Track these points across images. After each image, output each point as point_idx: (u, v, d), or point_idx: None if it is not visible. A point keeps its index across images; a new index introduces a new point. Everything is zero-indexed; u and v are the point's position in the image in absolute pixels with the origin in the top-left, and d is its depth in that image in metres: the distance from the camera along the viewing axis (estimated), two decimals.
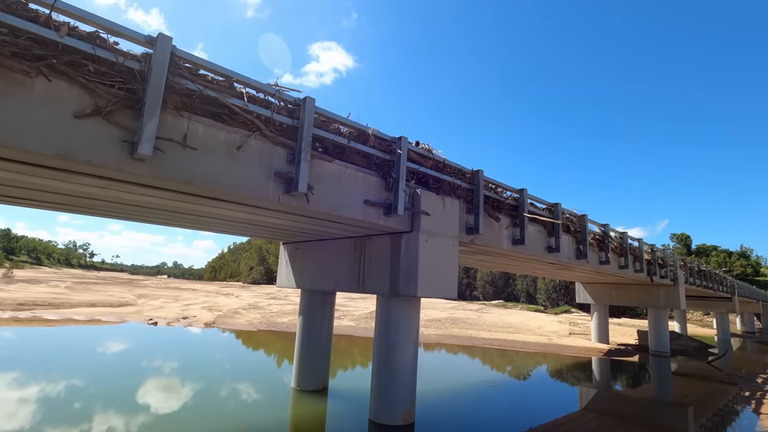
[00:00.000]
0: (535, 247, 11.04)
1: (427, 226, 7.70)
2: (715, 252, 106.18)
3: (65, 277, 61.82)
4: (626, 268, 15.55)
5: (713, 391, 14.03)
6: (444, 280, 7.89)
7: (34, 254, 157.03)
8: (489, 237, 9.52)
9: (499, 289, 75.94)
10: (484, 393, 11.87)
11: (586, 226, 12.92)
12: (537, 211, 11.08)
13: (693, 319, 70.46)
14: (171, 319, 22.49)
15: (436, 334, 22.50)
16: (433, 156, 8.15)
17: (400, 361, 7.79)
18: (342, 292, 10.24)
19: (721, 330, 34.54)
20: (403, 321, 7.90)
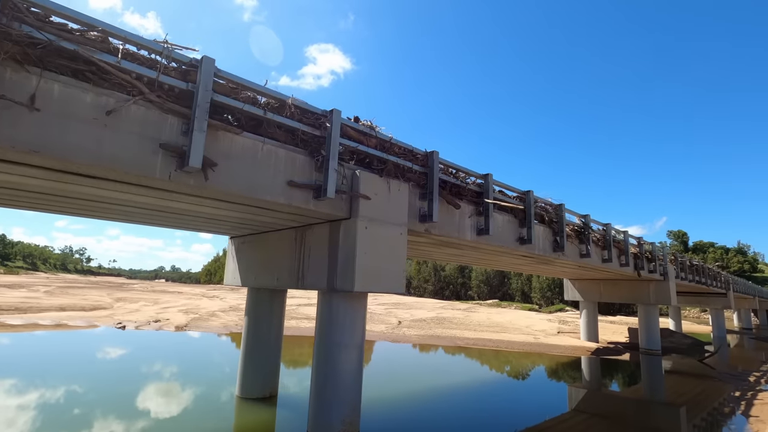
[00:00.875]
0: (504, 238, 10.15)
1: (367, 212, 6.81)
2: (712, 248, 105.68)
3: (54, 281, 60.70)
4: (610, 261, 14.68)
5: (704, 391, 13.16)
6: (389, 273, 6.99)
7: (29, 260, 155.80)
8: (448, 226, 8.64)
9: (494, 288, 75.04)
10: (457, 397, 10.98)
11: (563, 216, 12.04)
12: (506, 199, 10.20)
13: (690, 316, 69.73)
14: (142, 322, 21.53)
15: (417, 335, 21.60)
16: (376, 134, 7.26)
17: (342, 366, 6.88)
18: (292, 290, 9.23)
19: (717, 326, 33.70)
20: (345, 320, 6.99)
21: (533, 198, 10.89)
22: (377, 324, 24.64)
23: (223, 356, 15.36)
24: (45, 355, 13.61)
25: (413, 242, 9.77)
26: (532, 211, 10.68)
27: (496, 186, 10.36)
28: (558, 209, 12.12)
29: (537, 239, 11.25)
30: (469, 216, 9.21)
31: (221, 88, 5.45)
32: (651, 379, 15.32)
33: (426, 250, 11.41)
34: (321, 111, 6.46)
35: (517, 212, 10.69)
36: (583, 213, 13.94)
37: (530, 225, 10.61)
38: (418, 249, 11.10)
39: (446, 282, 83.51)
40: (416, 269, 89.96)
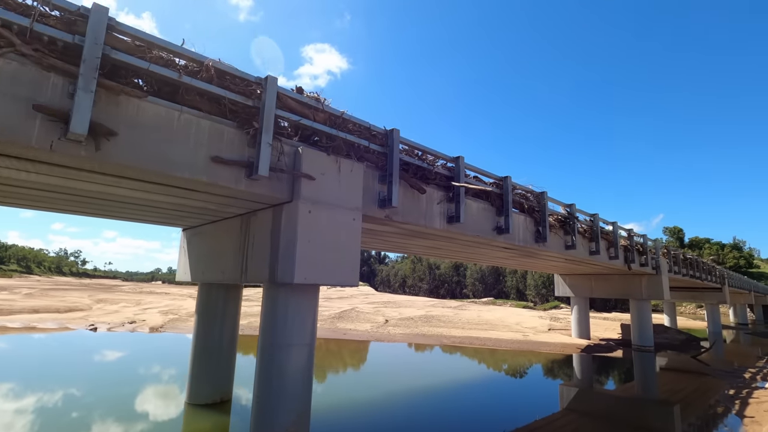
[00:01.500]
0: (478, 227, 9.39)
1: (311, 194, 6.02)
2: (708, 244, 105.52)
3: (43, 284, 59.59)
4: (597, 254, 13.94)
5: (697, 389, 12.45)
6: (339, 262, 6.21)
7: (24, 263, 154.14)
8: (413, 213, 7.87)
9: (489, 286, 74.36)
10: (437, 398, 10.22)
11: (545, 205, 11.29)
12: (480, 184, 9.43)
13: (686, 312, 69.31)
14: (116, 324, 20.69)
15: (403, 334, 20.84)
16: (324, 107, 6.47)
17: (288, 369, 6.10)
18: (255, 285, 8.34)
19: (712, 322, 33.12)
20: (292, 317, 6.21)
21: (511, 184, 10.13)
22: (363, 323, 23.87)
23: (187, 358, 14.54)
24: (7, 358, 12.77)
25: (377, 231, 9.00)
26: (509, 198, 9.92)
27: (471, 171, 9.61)
28: (540, 197, 11.37)
29: (516, 229, 10.50)
30: (438, 202, 8.44)
31: (124, 46, 4.66)
32: (642, 376, 14.61)
33: (395, 241, 10.64)
34: (254, 78, 5.67)
35: (494, 199, 9.93)
36: (579, 208, 13.23)
37: (508, 213, 9.85)
38: (385, 239, 10.33)
39: (441, 280, 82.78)
40: (411, 268, 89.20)
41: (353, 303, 34.89)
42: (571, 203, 12.75)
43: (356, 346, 17.84)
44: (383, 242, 10.97)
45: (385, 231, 8.99)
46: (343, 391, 10.86)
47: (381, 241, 10.59)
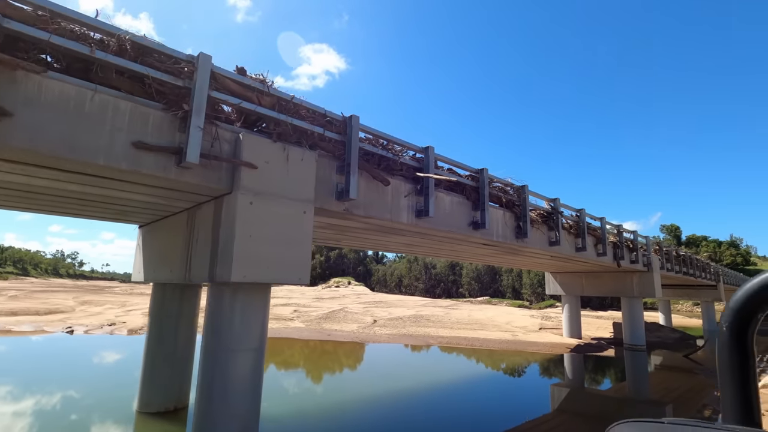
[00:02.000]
0: (452, 222, 8.88)
1: (253, 184, 5.50)
2: (705, 242, 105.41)
3: (33, 286, 58.87)
4: (584, 250, 13.44)
5: (687, 390, 11.98)
6: (286, 259, 5.69)
7: (20, 265, 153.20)
8: (376, 206, 7.35)
9: (485, 285, 73.91)
10: (418, 401, 9.71)
11: (526, 199, 10.79)
12: (452, 176, 8.92)
13: (683, 310, 69.13)
14: (94, 326, 20.12)
15: (389, 334, 20.33)
16: (271, 90, 5.95)
17: (232, 376, 5.58)
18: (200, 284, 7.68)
19: (707, 320, 32.74)
20: (238, 319, 5.69)
21: (488, 176, 9.63)
22: (350, 323, 23.36)
23: None
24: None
25: (343, 227, 8.49)
26: (486, 192, 9.41)
27: (444, 163, 9.12)
28: (520, 191, 10.87)
29: (494, 224, 10.00)
30: (405, 195, 7.93)
31: (21, 15, 4.13)
32: (631, 376, 14.14)
33: (368, 237, 10.12)
34: (185, 56, 5.15)
35: (470, 193, 9.42)
36: (578, 207, 12.79)
37: (484, 207, 9.34)
38: (355, 235, 9.81)
39: (437, 280, 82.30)
40: (407, 268, 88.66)
41: (344, 303, 34.37)
42: (555, 197, 12.26)
43: (337, 347, 17.33)
44: (355, 239, 10.46)
45: (352, 227, 8.48)
46: (309, 395, 10.35)
47: (352, 237, 10.08)
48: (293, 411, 8.67)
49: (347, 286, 69.28)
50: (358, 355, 16.22)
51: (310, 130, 6.30)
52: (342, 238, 10.50)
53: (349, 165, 6.64)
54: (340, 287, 68.96)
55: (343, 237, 10.16)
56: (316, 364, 14.41)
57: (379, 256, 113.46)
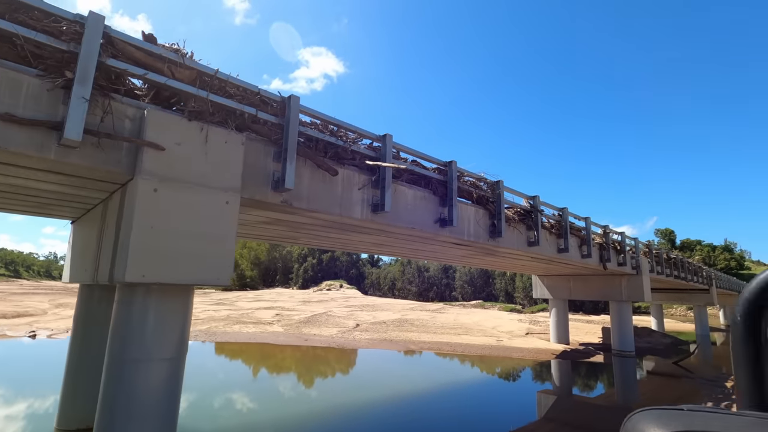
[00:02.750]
0: (415, 218, 8.12)
1: (159, 168, 4.72)
2: (699, 246, 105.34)
3: (22, 288, 57.56)
4: (566, 251, 12.71)
5: (674, 399, 11.23)
6: (202, 256, 4.90)
7: (12, 267, 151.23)
8: (322, 198, 6.59)
9: (478, 289, 73.18)
10: (385, 411, 8.91)
11: (500, 195, 10.05)
12: (415, 168, 8.17)
13: (677, 314, 68.61)
14: (61, 330, 19.28)
15: (369, 339, 19.51)
16: (187, 62, 5.17)
17: (137, 393, 4.79)
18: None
19: (700, 325, 32.04)
20: (151, 324, 4.91)
21: (457, 170, 8.88)
22: (330, 327, 22.52)
23: None
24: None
25: (289, 222, 7.70)
26: (454, 186, 8.66)
27: (409, 155, 8.38)
28: (494, 186, 10.13)
29: (464, 222, 9.25)
30: (359, 188, 7.16)
31: None
32: (617, 384, 13.38)
33: (322, 235, 9.32)
34: (71, 15, 4.38)
35: (437, 187, 8.67)
36: (545, 201, 12.04)
37: (452, 203, 8.59)
38: (308, 232, 9.01)
39: (430, 283, 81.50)
40: (400, 270, 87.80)
41: (330, 306, 33.53)
42: (535, 195, 11.53)
43: (310, 353, 16.50)
44: (313, 237, 9.67)
45: (304, 222, 7.70)
46: (266, 406, 9.53)
47: (308, 234, 9.29)
48: (230, 428, 7.85)
49: (338, 289, 68.42)
50: (330, 361, 15.40)
51: (239, 109, 5.53)
52: (298, 236, 9.71)
53: (286, 150, 5.87)
54: (331, 290, 68.12)
55: (298, 234, 9.38)
56: (279, 371, 13.58)
57: (374, 259, 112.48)
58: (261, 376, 12.84)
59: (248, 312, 28.73)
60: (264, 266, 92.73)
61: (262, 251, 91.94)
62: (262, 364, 14.59)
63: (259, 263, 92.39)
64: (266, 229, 8.81)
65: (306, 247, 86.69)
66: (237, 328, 21.52)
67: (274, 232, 9.28)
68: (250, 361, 15.02)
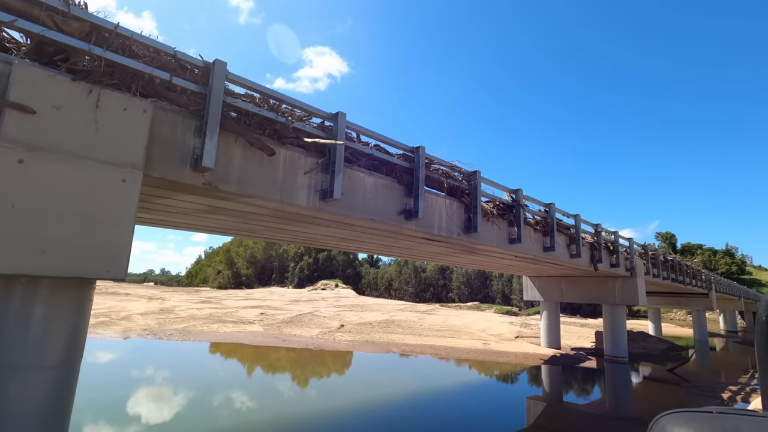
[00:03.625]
0: (374, 208, 7.28)
1: (28, 135, 3.89)
2: (700, 250, 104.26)
3: None
4: (552, 250, 11.85)
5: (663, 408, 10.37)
6: (85, 244, 4.08)
7: None
8: (258, 182, 5.75)
9: (475, 290, 72.28)
10: (337, 426, 8.09)
11: (477, 187, 9.19)
12: (374, 153, 7.32)
13: (676, 319, 67.64)
14: None
15: (349, 341, 18.68)
16: (73, 12, 4.35)
17: (13, 404, 3.97)
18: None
19: (698, 329, 31.12)
20: (34, 323, 4.09)
21: (425, 156, 8.04)
22: (313, 328, 21.70)
23: None
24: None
25: (227, 210, 6.85)
26: (421, 174, 7.82)
27: (370, 138, 7.55)
28: (470, 177, 9.28)
29: (434, 214, 8.41)
30: (305, 171, 6.33)
31: None
32: (605, 392, 12.51)
33: (277, 226, 8.43)
34: None
35: (402, 175, 7.83)
36: (529, 195, 11.22)
37: (418, 193, 7.75)
38: (260, 224, 8.14)
39: (427, 284, 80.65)
40: (397, 270, 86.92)
41: (318, 306, 32.74)
42: (517, 188, 10.67)
43: (283, 355, 15.68)
44: (268, 228, 8.79)
45: (246, 211, 6.86)
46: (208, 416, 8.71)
47: (261, 226, 8.42)
48: None
49: (333, 288, 67.66)
50: (301, 364, 14.57)
51: (148, 73, 4.70)
52: (255, 228, 8.85)
53: (206, 123, 5.04)
54: (326, 290, 67.35)
55: (254, 227, 8.52)
56: (242, 374, 12.76)
57: (374, 260, 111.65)
58: (204, 381, 12.02)
59: (233, 311, 27.93)
60: (260, 265, 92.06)
61: (258, 249, 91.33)
62: (218, 367, 13.77)
63: (255, 262, 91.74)
64: (214, 220, 7.98)
65: (302, 246, 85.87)
66: (215, 327, 20.72)
67: (226, 224, 8.44)
68: (207, 364, 14.19)
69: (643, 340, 22.29)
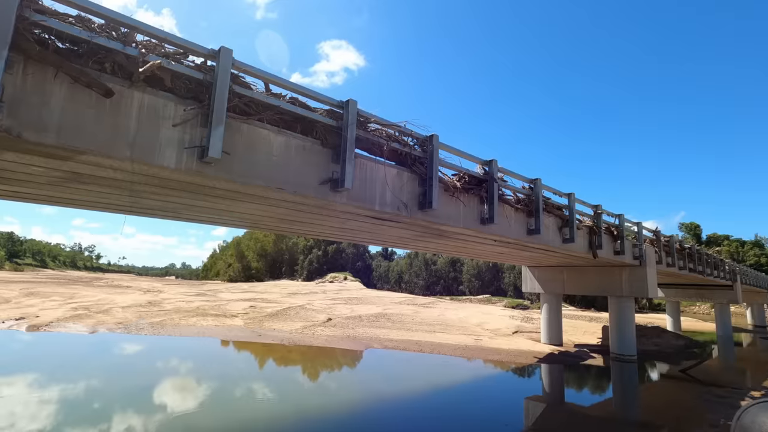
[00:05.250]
0: (284, 177, 5.78)
1: None
2: (726, 241, 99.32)
3: (12, 275, 57.72)
4: (537, 233, 10.16)
5: (670, 415, 8.66)
6: None
7: (39, 257, 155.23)
8: (86, 132, 4.32)
9: (487, 283, 70.20)
10: None
11: (433, 155, 7.60)
12: (285, 106, 5.82)
13: (700, 312, 64.33)
14: None
15: (328, 336, 17.34)
16: None
17: None
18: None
19: (721, 324, 28.72)
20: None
21: (358, 113, 6.50)
22: (297, 322, 20.46)
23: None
24: None
25: (89, 177, 5.43)
26: (350, 134, 6.29)
27: (284, 90, 6.06)
28: (426, 143, 7.70)
29: (372, 185, 6.89)
30: (175, 123, 4.88)
31: None
32: (601, 397, 10.82)
33: (169, 200, 6.97)
34: None
35: (327, 136, 6.32)
36: (508, 169, 9.58)
37: (346, 157, 6.23)
38: (159, 198, 6.69)
39: (437, 276, 78.94)
40: (407, 263, 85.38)
41: (314, 299, 31.57)
42: (491, 159, 9.01)
43: (243, 351, 14.44)
44: (158, 201, 7.30)
45: (116, 179, 5.45)
46: None
47: (149, 198, 6.96)
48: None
49: (341, 281, 66.70)
50: (262, 362, 13.28)
51: None
52: (146, 203, 7.29)
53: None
54: (334, 282, 66.45)
55: (143, 200, 6.97)
56: (161, 375, 11.52)
57: (389, 252, 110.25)
58: (100, 383, 10.81)
59: (223, 304, 26.97)
60: (271, 258, 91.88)
61: (269, 242, 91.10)
62: (145, 365, 12.56)
63: (265, 255, 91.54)
64: (85, 192, 6.41)
65: (311, 239, 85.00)
66: (193, 321, 19.68)
67: (107, 198, 6.81)
68: (139, 363, 12.95)
69: (657, 336, 20.30)
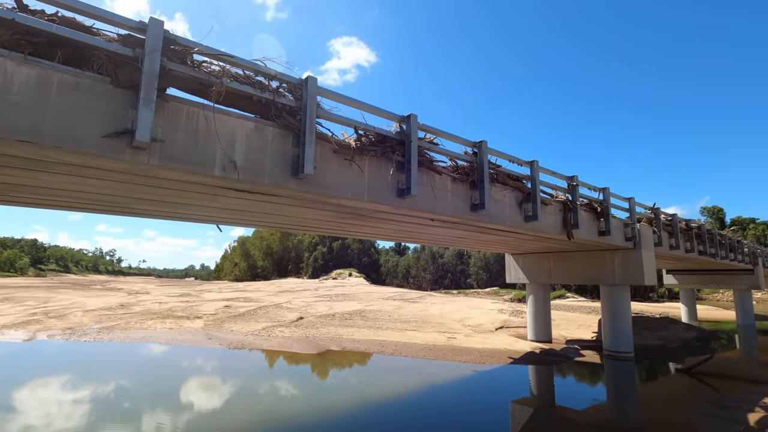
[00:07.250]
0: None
1: None
2: (753, 224, 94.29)
3: (43, 282, 57.91)
4: (482, 207, 8.14)
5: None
6: None
7: (62, 262, 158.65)
8: None
9: (494, 275, 67.73)
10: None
11: (309, 106, 5.71)
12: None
13: (723, 300, 60.74)
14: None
15: (286, 337, 15.63)
16: None
17: None
18: None
19: (742, 312, 26.06)
20: None
21: (165, 37, 4.68)
22: (260, 322, 18.84)
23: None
24: None
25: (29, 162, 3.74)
26: (151, 68, 4.47)
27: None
28: (297, 88, 5.81)
29: (203, 143, 5.05)
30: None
31: None
32: (582, 408, 8.78)
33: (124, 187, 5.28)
34: None
35: (119, 68, 4.51)
36: (446, 131, 7.69)
37: (147, 99, 4.42)
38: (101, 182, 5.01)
39: (445, 270, 76.75)
40: (414, 258, 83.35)
41: (299, 296, 30.00)
42: (410, 113, 7.07)
43: (174, 355, 12.84)
44: (109, 188, 5.63)
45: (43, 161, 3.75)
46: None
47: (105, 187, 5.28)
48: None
49: (346, 277, 65.33)
50: (163, 370, 11.63)
51: None
52: (94, 194, 5.68)
53: None
54: (336, 279, 65.14)
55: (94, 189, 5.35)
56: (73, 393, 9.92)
57: (401, 248, 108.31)
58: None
59: (198, 305, 25.59)
60: (277, 256, 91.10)
61: (275, 241, 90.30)
62: (38, 374, 11.02)
63: (271, 253, 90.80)
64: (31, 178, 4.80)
65: (316, 236, 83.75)
66: (149, 324, 18.24)
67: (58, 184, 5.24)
68: (40, 370, 11.48)
69: (663, 329, 17.99)
